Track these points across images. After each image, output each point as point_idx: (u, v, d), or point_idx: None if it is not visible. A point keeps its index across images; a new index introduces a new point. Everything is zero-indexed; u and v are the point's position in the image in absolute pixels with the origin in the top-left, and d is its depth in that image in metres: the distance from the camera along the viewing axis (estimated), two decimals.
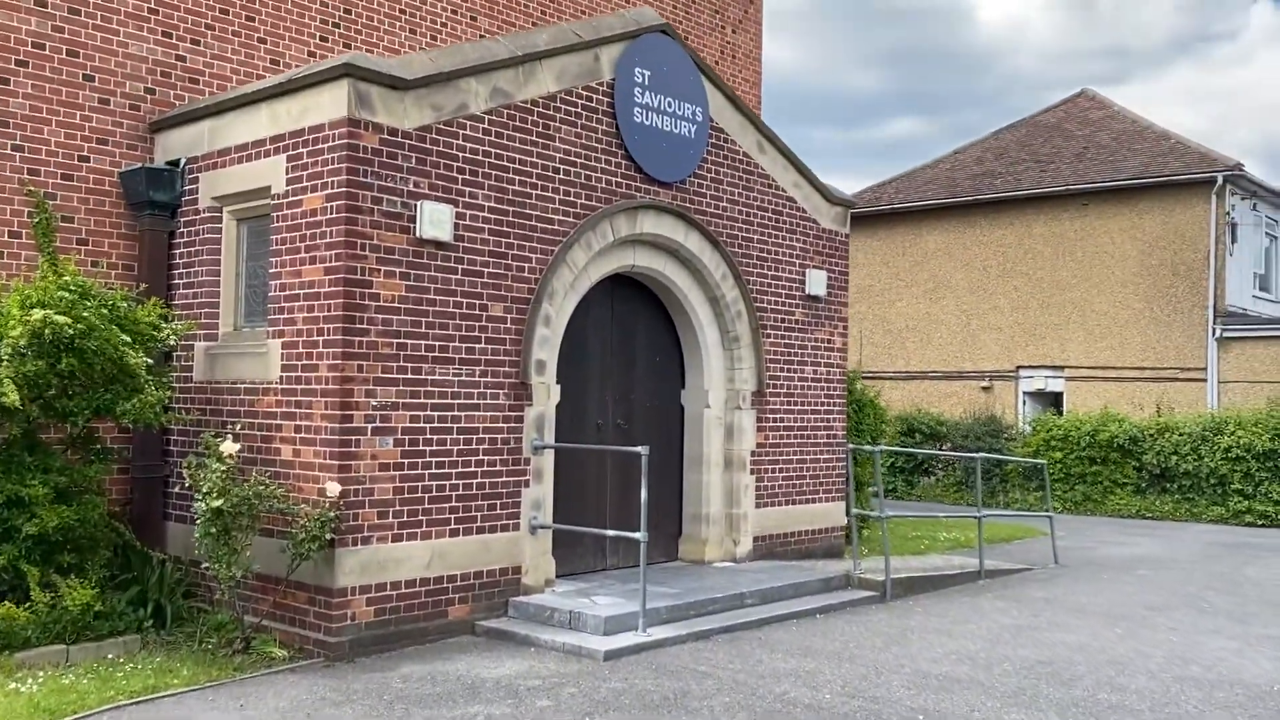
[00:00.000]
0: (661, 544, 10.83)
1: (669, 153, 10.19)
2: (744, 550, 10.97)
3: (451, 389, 8.46)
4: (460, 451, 8.51)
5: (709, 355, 10.92)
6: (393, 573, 8.04)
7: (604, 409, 10.29)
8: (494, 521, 8.74)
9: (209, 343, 8.98)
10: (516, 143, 8.96)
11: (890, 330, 25.74)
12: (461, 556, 8.49)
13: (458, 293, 8.51)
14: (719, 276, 10.76)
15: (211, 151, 8.99)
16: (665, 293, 10.71)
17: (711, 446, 10.92)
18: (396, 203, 8.11)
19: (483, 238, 8.70)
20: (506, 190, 8.87)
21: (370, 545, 7.92)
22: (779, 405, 11.44)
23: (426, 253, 8.30)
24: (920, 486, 22.19)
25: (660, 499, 10.77)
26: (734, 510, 10.97)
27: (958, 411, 23.65)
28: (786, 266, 11.58)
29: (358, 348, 7.88)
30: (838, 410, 12.20)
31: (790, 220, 11.64)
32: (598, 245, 9.60)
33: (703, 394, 10.93)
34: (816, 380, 11.91)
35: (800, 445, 11.71)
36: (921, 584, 10.97)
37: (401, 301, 8.13)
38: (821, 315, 11.99)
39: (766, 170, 11.35)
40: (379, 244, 8.00)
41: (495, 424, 8.76)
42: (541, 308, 9.07)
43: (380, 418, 8.00)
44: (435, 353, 8.35)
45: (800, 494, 11.72)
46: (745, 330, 11.02)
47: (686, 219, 10.37)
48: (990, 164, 25.73)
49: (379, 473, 8.00)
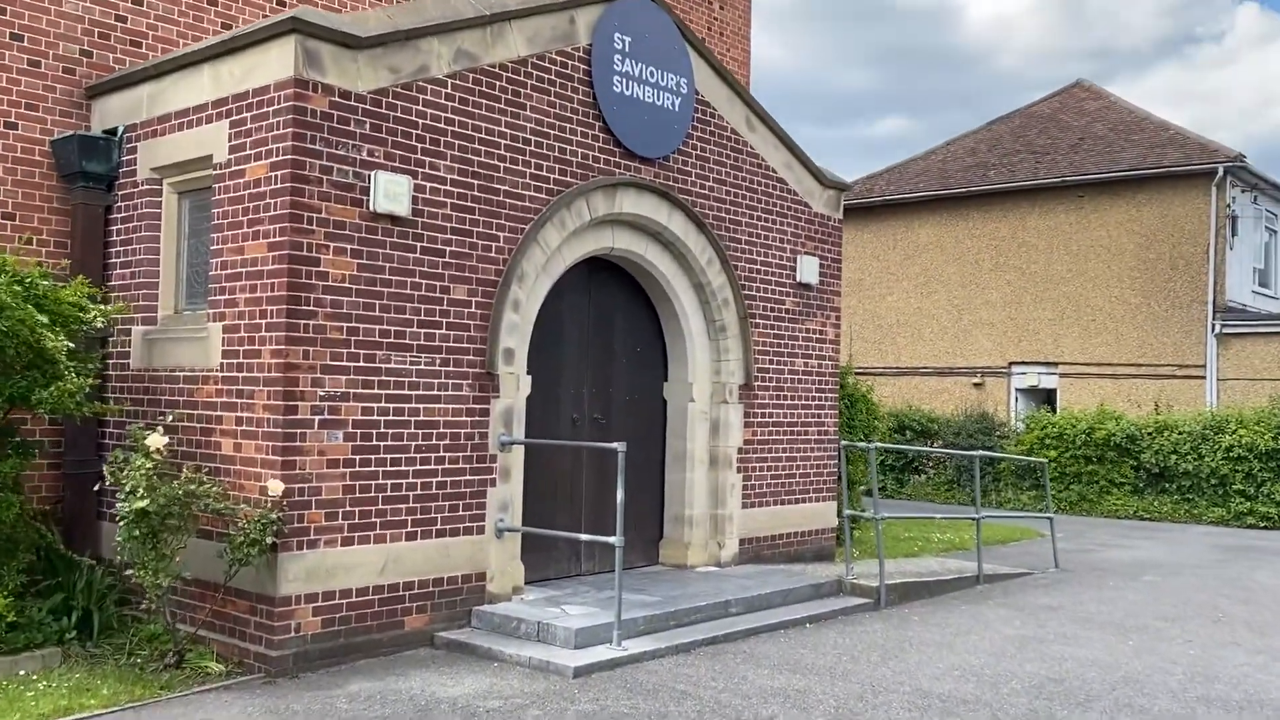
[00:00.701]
0: (641, 547, 10.12)
1: (651, 126, 9.47)
2: (729, 554, 10.27)
3: (409, 379, 7.73)
4: (419, 447, 7.78)
5: (693, 345, 10.21)
6: (342, 580, 7.31)
7: (580, 402, 9.57)
8: (456, 524, 8.01)
9: (147, 327, 8.23)
10: (483, 110, 8.22)
11: (881, 325, 25.08)
12: (419, 562, 7.76)
13: (416, 273, 7.78)
14: (704, 261, 10.04)
15: (151, 118, 8.23)
16: (647, 278, 10.00)
17: (695, 443, 10.21)
18: (348, 173, 7.37)
19: (445, 213, 7.96)
20: (471, 162, 8.14)
21: (317, 549, 7.19)
22: (768, 399, 10.74)
23: (381, 228, 7.56)
24: (911, 485, 21.54)
25: (640, 499, 10.06)
26: (719, 511, 10.26)
27: (949, 408, 23.00)
28: (776, 252, 10.87)
29: (303, 332, 7.14)
30: (830, 405, 11.50)
31: (781, 203, 10.93)
32: (573, 225, 8.88)
33: (686, 387, 10.21)
34: (808, 373, 11.22)
35: (790, 442, 11.01)
36: (918, 590, 10.29)
37: (353, 282, 7.40)
38: (813, 304, 11.29)
39: (756, 149, 10.64)
40: (328, 218, 7.26)
41: (458, 418, 8.03)
42: (510, 291, 8.34)
43: (329, 409, 7.26)
44: (391, 339, 7.62)
45: (790, 494, 11.02)
46: (732, 319, 10.31)
47: (670, 198, 9.65)
48: (984, 155, 25.09)
49: (327, 470, 7.26)
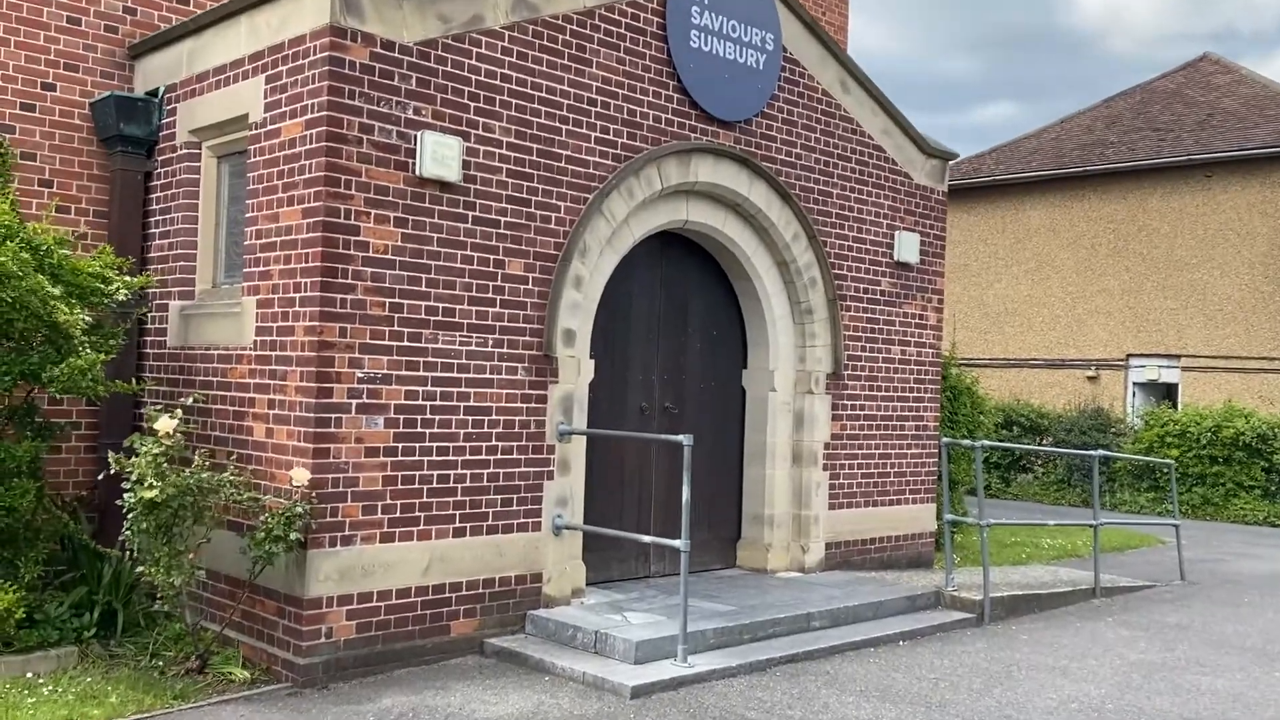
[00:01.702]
0: (716, 549, 9.29)
1: (731, 86, 8.60)
2: (814, 558, 9.37)
3: (458, 360, 7.02)
4: (468, 435, 7.07)
5: (776, 330, 9.32)
6: (381, 580, 6.64)
7: (649, 390, 8.76)
8: (509, 520, 7.29)
9: (184, 302, 7.67)
10: (544, 66, 7.46)
11: (988, 314, 23.73)
12: (468, 561, 7.05)
13: (467, 245, 7.06)
14: (789, 236, 9.14)
15: (190, 77, 7.66)
16: (725, 255, 9.13)
17: (777, 437, 9.32)
18: (391, 132, 6.67)
19: (499, 179, 7.22)
20: (530, 123, 7.38)
21: (353, 546, 6.53)
22: (859, 390, 9.80)
23: (429, 195, 6.85)
24: (1017, 484, 20.26)
25: (716, 497, 9.23)
26: (803, 511, 9.37)
27: (1060, 403, 21.61)
28: (872, 227, 9.91)
29: (340, 307, 6.47)
30: (930, 397, 10.50)
31: (877, 173, 9.96)
32: (642, 194, 8.06)
33: (767, 375, 9.33)
34: (905, 362, 10.23)
35: (884, 437, 10.05)
36: (1026, 604, 9.26)
37: (396, 253, 6.70)
38: (912, 286, 10.30)
39: (850, 112, 9.69)
40: (368, 181, 6.58)
41: (512, 404, 7.30)
42: (571, 266, 7.58)
43: (368, 393, 6.59)
44: (438, 316, 6.91)
45: (882, 494, 10.07)
46: (820, 301, 9.39)
47: (751, 166, 8.77)
48: (1101, 133, 23.53)
49: (365, 459, 6.59)
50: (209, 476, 6.07)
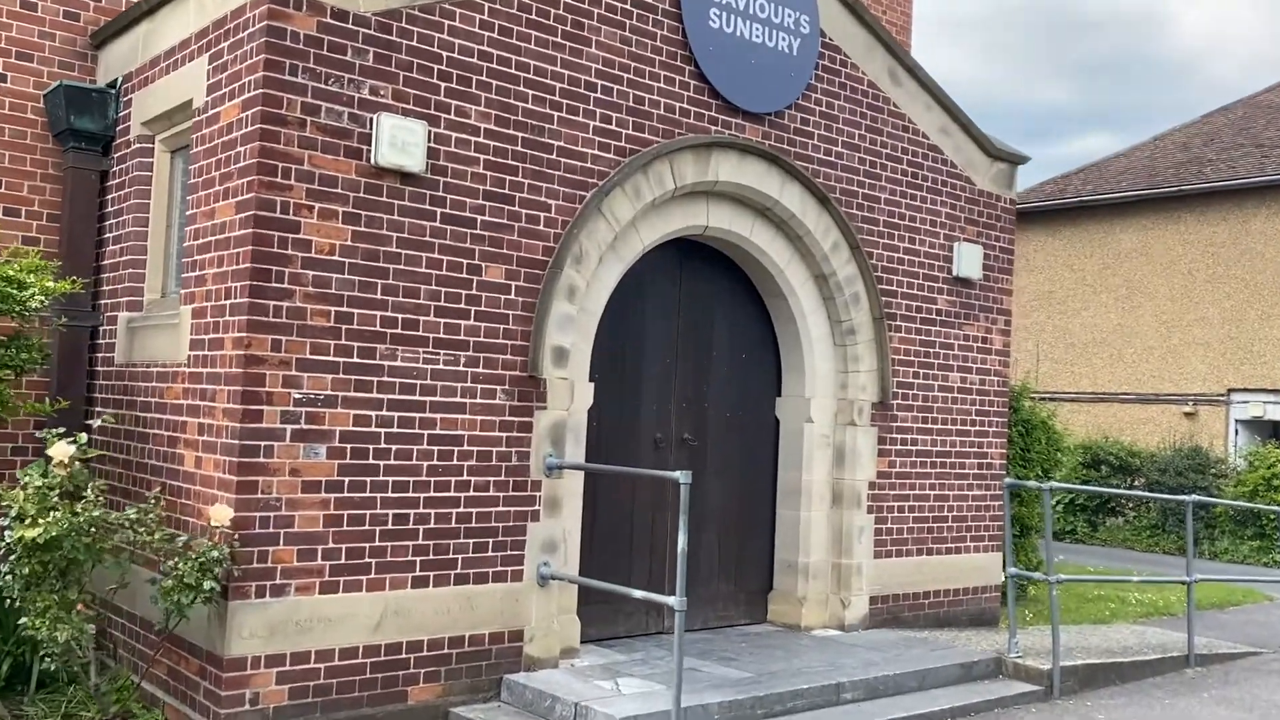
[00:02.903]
0: (743, 601, 8.14)
1: (759, 73, 7.55)
2: (856, 614, 8.17)
3: (421, 381, 6.04)
4: (432, 469, 6.07)
5: (812, 352, 8.19)
6: (321, 637, 5.66)
7: (665, 419, 7.69)
8: (483, 568, 6.26)
9: (132, 313, 6.84)
10: (532, 44, 6.49)
11: (1074, 344, 22.14)
12: (431, 615, 6.04)
13: (434, 246, 6.09)
14: (828, 246, 8.02)
15: (145, 63, 6.86)
16: (753, 267, 8.05)
17: (814, 474, 8.17)
18: (342, 115, 5.75)
19: (476, 172, 6.26)
20: (515, 109, 6.41)
21: (285, 597, 5.56)
22: (910, 422, 8.60)
23: (387, 187, 5.91)
24: (1105, 529, 18.63)
25: (743, 542, 8.11)
26: (843, 560, 8.18)
27: (1154, 441, 19.92)
28: (927, 238, 8.73)
29: (273, 316, 5.54)
30: (995, 432, 9.25)
31: (934, 176, 8.80)
32: (651, 194, 7.03)
33: (803, 404, 8.19)
34: (965, 391, 9.00)
35: (940, 476, 8.83)
36: (1104, 674, 7.92)
37: (345, 254, 5.77)
38: (975, 304, 9.08)
39: (901, 108, 8.56)
40: (312, 170, 5.66)
41: (489, 432, 6.29)
42: (563, 274, 6.57)
43: (307, 417, 5.63)
44: (396, 329, 5.95)
45: (939, 541, 8.82)
46: (864, 320, 8.24)
47: (782, 165, 7.69)
48: (1198, 150, 21.88)
49: (302, 495, 5.63)
50: (101, 515, 5.15)
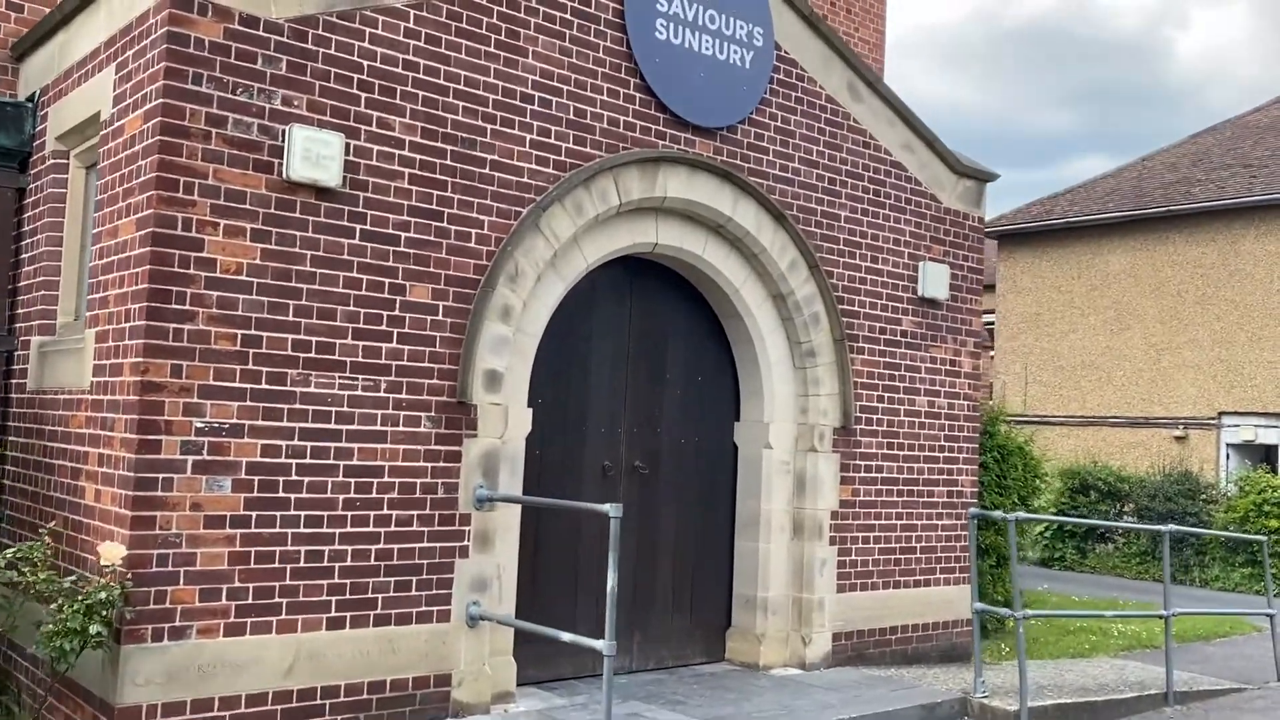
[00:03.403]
0: (700, 639, 7.76)
1: (710, 87, 7.23)
2: (818, 652, 7.78)
3: (338, 409, 5.68)
4: (349, 502, 5.71)
5: (771, 375, 7.84)
6: (226, 683, 5.27)
7: (614, 446, 7.34)
8: (406, 608, 5.89)
9: (44, 337, 6.49)
10: (462, 54, 6.17)
11: (1062, 368, 21.80)
12: (348, 659, 5.66)
13: (353, 265, 5.75)
14: (785, 265, 7.68)
15: (59, 75, 6.55)
16: (708, 286, 7.71)
17: (773, 503, 7.80)
18: (251, 126, 5.42)
19: (399, 186, 5.92)
20: (444, 120, 6.09)
21: (185, 640, 5.18)
22: (875, 448, 8.24)
23: (300, 202, 5.57)
24: (1095, 556, 18.21)
25: (700, 576, 7.73)
26: (804, 595, 7.80)
27: (1144, 465, 19.53)
28: (890, 256, 8.40)
29: (173, 340, 5.19)
30: (966, 458, 8.88)
31: (898, 194, 8.47)
32: (593, 210, 6.70)
33: (761, 429, 7.84)
34: (934, 415, 8.65)
35: (908, 505, 8.46)
36: (1076, 714, 7.53)
37: (253, 273, 5.42)
38: (942, 326, 8.74)
39: (862, 123, 8.24)
40: (217, 185, 5.32)
41: (412, 462, 5.93)
42: (496, 294, 6.22)
43: (210, 447, 5.27)
44: (310, 353, 5.59)
45: (906, 574, 8.45)
46: (824, 342, 7.90)
47: (735, 181, 7.36)
48: (1186, 170, 21.60)
49: (205, 531, 5.26)
50: None
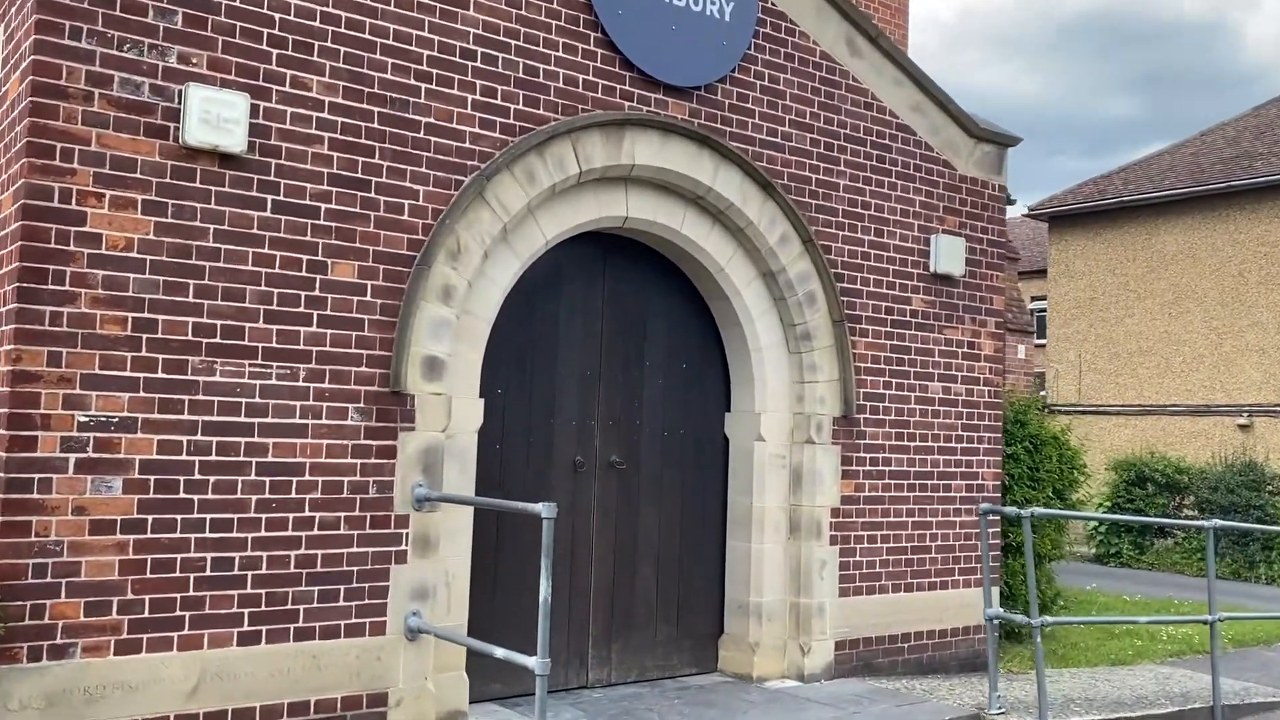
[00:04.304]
0: (688, 649, 7.09)
1: (684, 42, 6.56)
2: (818, 662, 7.07)
3: (248, 400, 5.11)
4: (263, 504, 5.13)
5: (762, 361, 7.15)
6: (118, 707, 4.73)
7: (587, 439, 6.69)
8: (332, 620, 5.30)
9: None
10: (390, 5, 5.57)
11: (1118, 354, 20.75)
12: (264, 678, 5.09)
13: (264, 240, 5.17)
14: (775, 240, 6.98)
15: None
16: (690, 264, 7.04)
17: (767, 499, 7.11)
18: (141, 86, 4.86)
19: (319, 152, 5.34)
20: (369, 79, 5.49)
21: (68, 660, 4.64)
22: (881, 439, 7.50)
23: (201, 171, 5.01)
24: (1153, 552, 17.19)
25: (688, 579, 7.07)
26: (802, 600, 7.10)
27: (1205, 456, 18.46)
28: (898, 229, 7.66)
29: (49, 324, 4.66)
30: (987, 449, 8.11)
31: (905, 160, 7.73)
32: (548, 179, 6.06)
33: (753, 419, 7.15)
34: (949, 403, 7.89)
35: (920, 500, 7.71)
36: None
37: (146, 250, 4.86)
38: (958, 305, 7.97)
39: (863, 82, 7.51)
40: (101, 152, 4.77)
41: (337, 459, 5.34)
42: (434, 272, 5.61)
43: (96, 444, 4.73)
44: (214, 338, 5.03)
45: (920, 575, 7.70)
46: (821, 324, 7.18)
47: (714, 147, 6.68)
48: (1248, 144, 20.43)
49: (90, 538, 4.71)
50: None
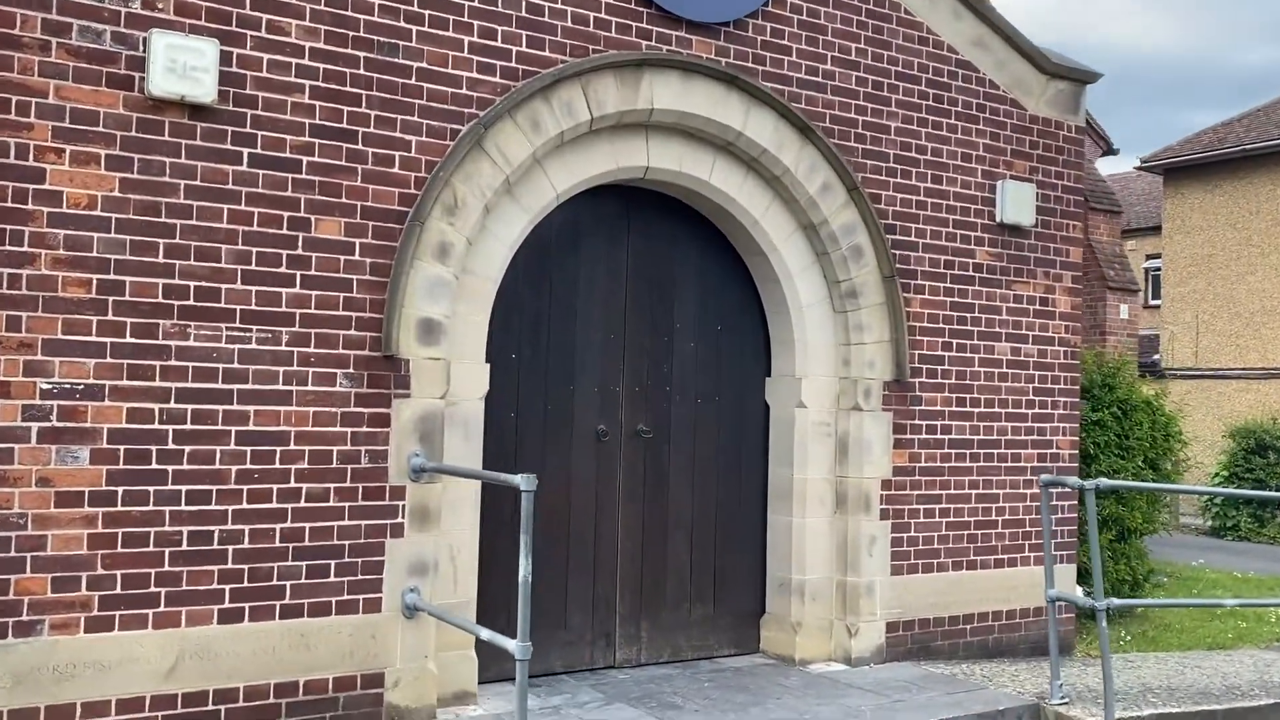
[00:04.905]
0: (726, 628, 6.67)
1: None
2: (867, 645, 6.57)
3: (226, 365, 4.84)
4: (244, 475, 4.87)
5: (803, 321, 6.63)
6: (91, 686, 4.53)
7: (611, 407, 6.29)
8: (322, 596, 5.03)
9: None
10: None
11: (1239, 314, 19.44)
12: (248, 657, 4.84)
13: (240, 196, 4.88)
14: (815, 189, 6.44)
15: None
16: (722, 217, 6.55)
17: (809, 471, 6.61)
18: (102, 34, 4.60)
19: (299, 101, 5.02)
20: (354, 23, 5.14)
21: (36, 638, 4.45)
22: (940, 405, 6.92)
23: (169, 123, 4.73)
24: (1275, 525, 16.06)
25: (726, 555, 6.64)
26: (849, 578, 6.60)
27: None
28: (958, 175, 7.03)
29: (8, 287, 4.44)
30: (1063, 414, 7.44)
31: (966, 100, 7.08)
32: (556, 126, 5.63)
33: (793, 384, 6.64)
34: (1019, 364, 7.25)
35: (985, 471, 7.11)
36: None
37: (111, 208, 4.62)
38: (1029, 257, 7.31)
39: (916, 15, 6.88)
40: (61, 105, 4.53)
41: (324, 427, 5.05)
42: (429, 228, 5.26)
43: (60, 412, 4.51)
44: (187, 300, 4.77)
45: (985, 552, 7.11)
46: (870, 279, 6.62)
47: (744, 88, 6.16)
48: None
49: (57, 510, 4.51)
50: None
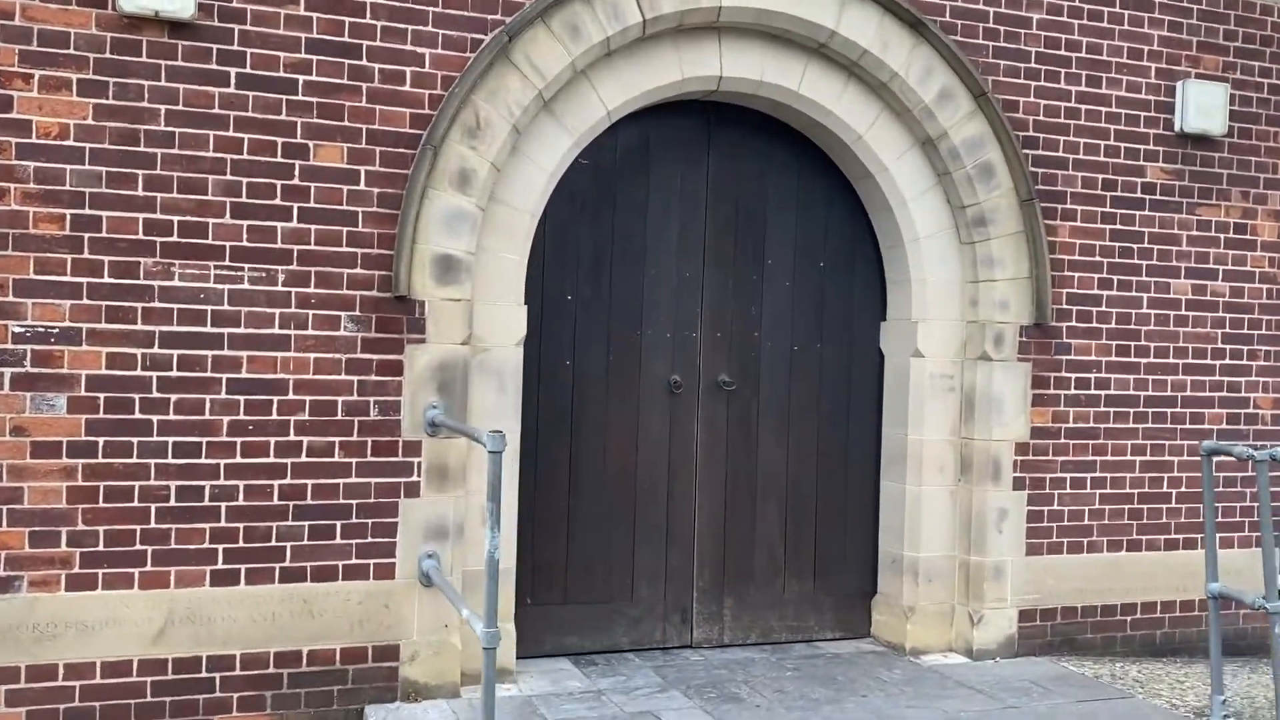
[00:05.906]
0: (830, 608, 5.84)
1: None
2: (994, 635, 5.58)
3: (215, 307, 4.43)
4: (237, 426, 4.47)
5: (920, 255, 5.62)
6: (73, 646, 4.27)
7: (687, 355, 5.55)
8: (327, 559, 4.59)
9: None
10: None
11: None
12: (245, 623, 4.47)
13: (228, 120, 4.44)
14: (931, 97, 5.41)
15: None
16: (820, 133, 5.62)
17: (925, 431, 5.64)
18: None
19: (293, 14, 4.51)
20: None
21: (14, 594, 4.22)
22: (1094, 354, 5.77)
23: (147, 43, 4.33)
24: None
25: (830, 526, 5.80)
26: (974, 557, 5.61)
27: None
28: (1122, 75, 5.79)
29: None
30: (1262, 366, 6.10)
31: None
32: (599, 32, 4.89)
33: (908, 330, 5.68)
34: (1204, 305, 5.97)
35: (1153, 435, 5.90)
36: None
37: (85, 137, 4.27)
38: (1220, 175, 5.97)
39: None
40: (28, 27, 4.20)
41: (328, 375, 4.58)
42: (446, 153, 4.66)
43: (34, 357, 4.23)
44: (171, 237, 4.38)
45: (1151, 530, 5.92)
46: (1003, 203, 5.54)
47: None
48: None
49: (33, 460, 4.24)
50: None
